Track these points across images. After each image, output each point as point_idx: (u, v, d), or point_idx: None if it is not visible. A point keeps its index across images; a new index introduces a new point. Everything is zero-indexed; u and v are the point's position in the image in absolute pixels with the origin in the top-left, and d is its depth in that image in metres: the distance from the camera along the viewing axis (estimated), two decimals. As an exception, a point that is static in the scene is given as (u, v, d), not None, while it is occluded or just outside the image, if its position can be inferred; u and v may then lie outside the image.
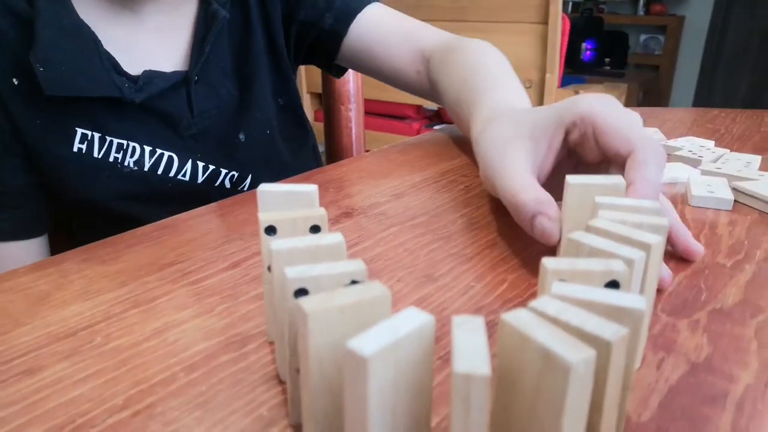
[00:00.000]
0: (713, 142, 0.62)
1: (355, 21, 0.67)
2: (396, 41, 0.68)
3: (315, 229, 0.27)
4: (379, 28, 0.68)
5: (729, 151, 0.59)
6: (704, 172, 0.52)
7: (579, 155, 0.39)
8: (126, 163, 0.58)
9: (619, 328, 0.17)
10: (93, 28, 0.54)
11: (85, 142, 0.56)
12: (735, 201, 0.46)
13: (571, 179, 0.30)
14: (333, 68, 0.74)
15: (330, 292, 0.19)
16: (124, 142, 0.58)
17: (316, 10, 0.66)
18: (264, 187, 0.29)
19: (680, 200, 0.47)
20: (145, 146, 0.58)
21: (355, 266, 0.21)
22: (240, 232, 0.41)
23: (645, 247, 0.24)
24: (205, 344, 0.28)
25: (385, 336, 0.17)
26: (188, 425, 0.23)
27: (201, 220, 0.43)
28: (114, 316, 0.30)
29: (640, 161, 0.33)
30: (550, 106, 0.40)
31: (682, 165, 0.54)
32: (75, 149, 0.56)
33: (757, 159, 0.55)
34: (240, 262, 0.36)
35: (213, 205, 0.46)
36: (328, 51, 0.69)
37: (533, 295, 0.32)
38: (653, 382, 0.25)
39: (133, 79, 0.56)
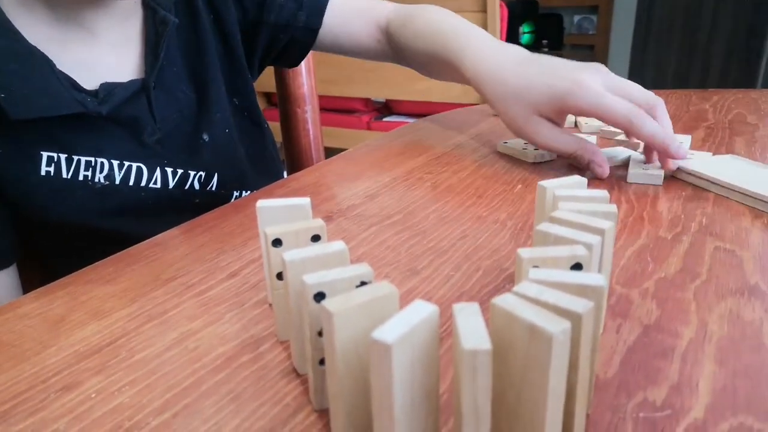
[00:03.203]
0: (649, 124, 0.68)
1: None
2: (354, 20, 0.75)
3: (316, 238, 0.30)
4: (339, 12, 0.74)
5: (663, 132, 0.65)
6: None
7: None
8: (96, 180, 0.59)
9: (587, 303, 0.22)
10: (46, 50, 0.54)
11: (52, 165, 0.57)
12: (673, 177, 0.52)
13: (545, 183, 0.34)
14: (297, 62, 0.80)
15: (347, 294, 0.23)
16: (92, 159, 0.58)
17: (286, 10, 0.70)
18: (262, 203, 0.33)
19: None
20: (112, 160, 0.60)
21: (363, 270, 0.25)
22: (230, 243, 0.44)
23: (600, 232, 0.28)
24: (223, 348, 0.31)
25: (402, 325, 0.20)
26: (226, 419, 0.26)
27: (191, 235, 0.46)
28: (132, 331, 0.33)
29: (638, 133, 0.50)
30: (545, 89, 0.55)
31: (622, 148, 0.60)
32: (43, 173, 0.56)
33: (687, 138, 0.62)
34: (237, 272, 0.39)
35: (198, 219, 0.49)
36: (303, 46, 0.75)
37: (506, 279, 0.36)
38: (614, 344, 0.30)
39: (92, 94, 0.57)
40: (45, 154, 0.56)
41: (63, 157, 0.57)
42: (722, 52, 3.92)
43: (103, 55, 0.60)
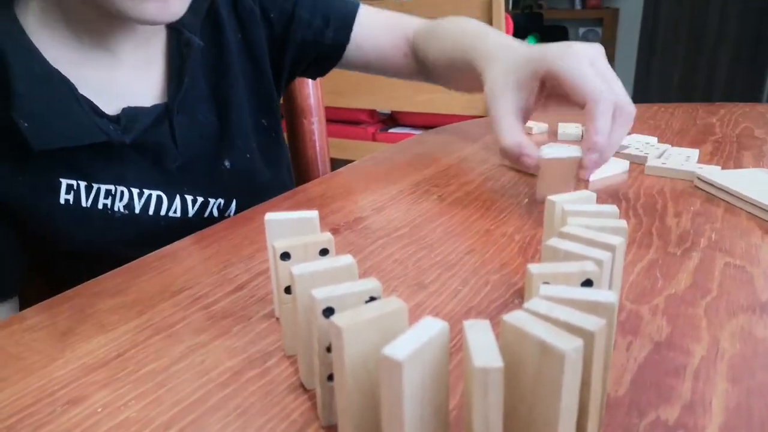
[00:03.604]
0: (656, 138, 0.68)
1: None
2: (381, 34, 0.74)
3: (324, 252, 0.30)
4: (368, 28, 0.73)
5: (671, 146, 0.65)
6: (649, 169, 0.57)
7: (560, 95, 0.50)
8: (116, 209, 0.57)
9: (598, 320, 0.22)
10: (67, 73, 0.53)
11: (72, 193, 0.55)
12: (696, 188, 0.52)
13: (554, 198, 0.34)
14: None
15: (356, 309, 0.23)
16: (112, 187, 0.57)
17: (313, 28, 0.69)
18: (270, 216, 0.33)
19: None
20: (132, 189, 0.58)
21: (372, 285, 0.25)
22: (238, 255, 0.43)
23: (610, 248, 0.28)
24: (230, 362, 0.31)
25: (413, 342, 0.20)
26: (233, 435, 0.26)
27: (197, 247, 0.46)
28: (139, 344, 0.33)
29: (591, 115, 0.45)
30: (529, 55, 0.52)
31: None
32: (62, 201, 0.55)
33: (695, 153, 0.61)
34: (244, 285, 0.39)
35: (205, 231, 0.49)
36: (329, 62, 0.74)
37: (515, 294, 0.36)
38: (625, 362, 0.29)
39: (114, 120, 0.55)
40: (65, 182, 0.55)
41: (83, 185, 0.55)
42: (727, 64, 3.92)
43: (125, 77, 0.58)
